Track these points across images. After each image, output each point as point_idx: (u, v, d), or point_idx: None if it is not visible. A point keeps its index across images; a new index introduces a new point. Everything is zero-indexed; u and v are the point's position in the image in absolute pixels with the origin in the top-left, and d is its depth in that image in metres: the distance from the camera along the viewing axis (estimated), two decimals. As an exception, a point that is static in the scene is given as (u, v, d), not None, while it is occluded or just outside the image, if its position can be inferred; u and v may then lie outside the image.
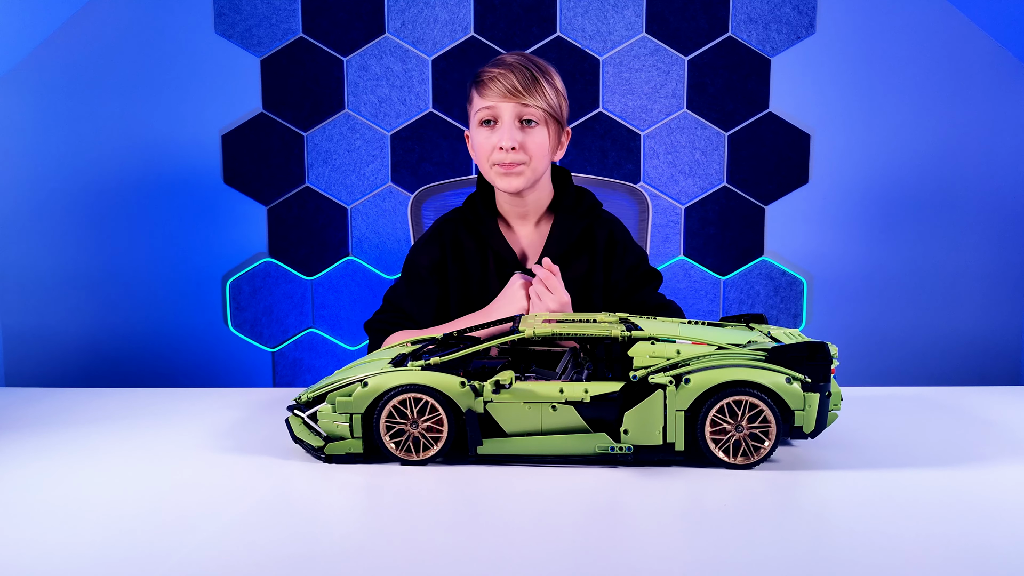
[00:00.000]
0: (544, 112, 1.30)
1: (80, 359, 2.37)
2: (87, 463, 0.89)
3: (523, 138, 1.30)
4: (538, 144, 1.31)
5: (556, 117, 1.33)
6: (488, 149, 1.31)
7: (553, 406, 0.86)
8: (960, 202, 2.32)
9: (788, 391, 0.84)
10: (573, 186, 1.43)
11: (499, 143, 1.29)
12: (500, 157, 1.30)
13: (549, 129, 1.33)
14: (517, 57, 1.32)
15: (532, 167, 1.32)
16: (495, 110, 1.30)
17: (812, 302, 2.36)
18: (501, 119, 1.30)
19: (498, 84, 1.29)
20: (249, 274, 2.36)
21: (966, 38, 2.25)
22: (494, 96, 1.29)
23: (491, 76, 1.30)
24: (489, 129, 1.31)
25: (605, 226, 1.43)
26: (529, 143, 1.30)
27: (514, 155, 1.29)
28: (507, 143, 1.28)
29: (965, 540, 0.67)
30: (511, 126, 1.29)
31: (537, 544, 0.66)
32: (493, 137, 1.30)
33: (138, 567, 0.62)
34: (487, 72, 1.31)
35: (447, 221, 1.43)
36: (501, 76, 1.29)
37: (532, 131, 1.31)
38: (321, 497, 0.80)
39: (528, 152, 1.30)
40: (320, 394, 0.90)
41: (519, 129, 1.30)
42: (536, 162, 1.32)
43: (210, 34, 2.27)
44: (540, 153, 1.32)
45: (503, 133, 1.29)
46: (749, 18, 2.27)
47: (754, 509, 0.75)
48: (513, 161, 1.30)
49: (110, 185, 2.31)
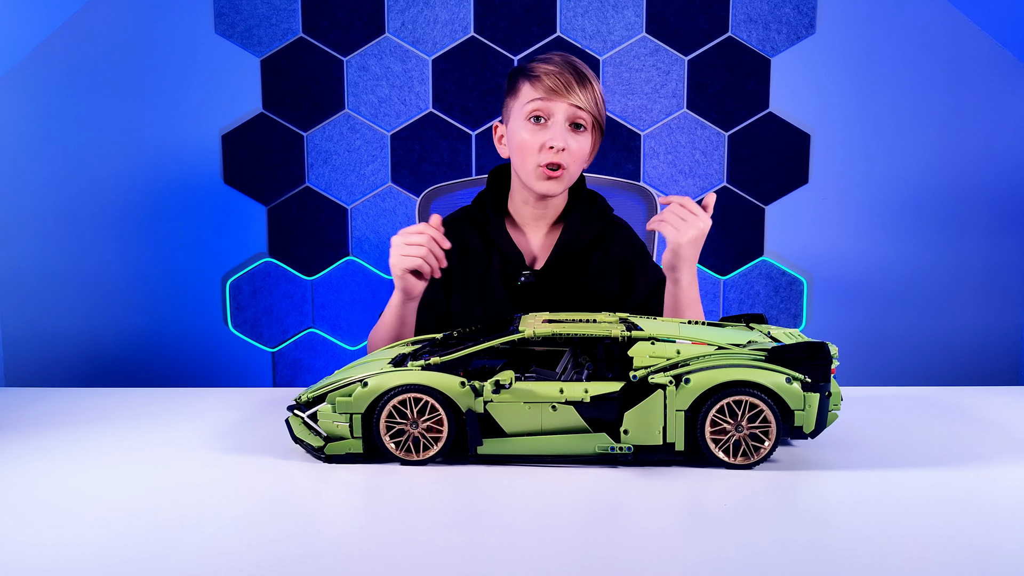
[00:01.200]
0: (593, 118, 1.28)
1: (80, 359, 2.37)
2: (87, 463, 0.89)
3: (571, 141, 1.27)
4: (582, 149, 1.29)
5: (600, 125, 1.31)
6: (535, 145, 1.27)
7: (553, 406, 0.86)
8: (960, 202, 2.32)
9: (788, 391, 0.84)
10: (586, 190, 1.42)
11: (550, 142, 1.25)
12: (548, 157, 1.26)
13: (593, 136, 1.31)
14: (565, 57, 1.29)
15: (570, 173, 1.30)
16: (549, 107, 1.26)
17: (812, 302, 2.36)
18: (553, 117, 1.26)
19: (555, 80, 1.25)
20: (249, 274, 2.36)
21: (966, 38, 2.25)
22: (549, 92, 1.25)
23: (547, 71, 1.26)
24: (538, 126, 1.27)
25: (618, 232, 1.41)
26: (575, 148, 1.28)
27: (561, 156, 1.26)
28: (559, 143, 1.25)
29: (965, 540, 0.67)
30: (563, 126, 1.26)
31: (537, 544, 0.66)
32: (542, 135, 1.26)
33: (138, 567, 0.62)
34: (541, 67, 1.27)
35: (452, 221, 1.41)
36: (556, 73, 1.25)
37: (580, 136, 1.28)
38: (321, 497, 0.80)
39: (572, 156, 1.28)
40: (320, 394, 0.90)
41: (569, 131, 1.27)
42: (574, 168, 1.30)
43: (210, 34, 2.27)
44: (581, 159, 1.30)
45: (555, 132, 1.25)
46: (749, 18, 2.27)
47: (754, 509, 0.75)
48: (559, 163, 1.27)
49: (110, 185, 2.31)
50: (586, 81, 1.27)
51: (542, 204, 1.36)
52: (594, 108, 1.27)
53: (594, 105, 1.27)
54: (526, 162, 1.29)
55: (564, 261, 1.35)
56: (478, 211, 1.38)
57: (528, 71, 1.29)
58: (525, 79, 1.29)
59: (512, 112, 1.31)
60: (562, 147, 1.25)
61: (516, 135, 1.30)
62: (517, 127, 1.29)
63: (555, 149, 1.25)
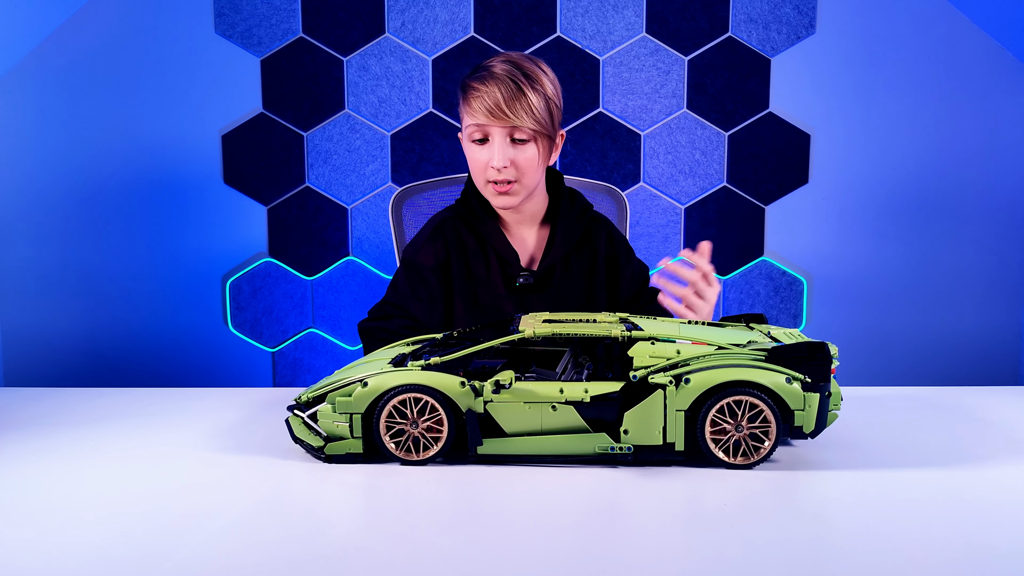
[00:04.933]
0: (532, 130, 1.27)
1: (80, 359, 2.37)
2: (87, 463, 0.89)
3: (514, 155, 1.27)
4: (528, 160, 1.29)
5: (546, 132, 1.29)
6: (481, 166, 1.30)
7: (553, 406, 0.86)
8: (960, 202, 2.32)
9: (788, 391, 0.84)
10: (566, 189, 1.42)
11: (491, 162, 1.27)
12: (493, 175, 1.28)
13: (539, 144, 1.29)
14: (504, 67, 1.27)
15: (524, 184, 1.30)
16: (485, 129, 1.27)
17: (812, 302, 2.36)
18: (492, 137, 1.28)
19: (483, 101, 1.25)
20: (249, 274, 2.36)
21: (966, 38, 2.25)
22: (480, 114, 1.26)
23: (477, 92, 1.26)
24: (481, 146, 1.29)
25: (601, 225, 1.43)
26: (520, 160, 1.28)
27: (506, 172, 1.28)
28: (498, 162, 1.27)
29: (965, 540, 0.67)
30: (502, 144, 1.27)
31: (537, 544, 0.66)
32: (484, 154, 1.29)
33: (138, 567, 0.62)
34: (473, 87, 1.27)
35: (445, 220, 1.40)
36: (486, 94, 1.25)
37: (522, 148, 1.28)
38: (321, 497, 0.79)
39: (519, 168, 1.28)
40: (320, 394, 0.90)
41: (510, 145, 1.27)
42: (527, 178, 1.30)
43: (210, 34, 2.27)
44: (531, 168, 1.30)
45: (494, 152, 1.27)
46: (749, 18, 2.27)
47: (754, 509, 0.75)
48: (506, 179, 1.28)
49: (110, 185, 2.31)
50: (522, 95, 1.24)
51: (514, 211, 1.37)
52: (531, 123, 1.25)
53: (530, 119, 1.25)
54: (478, 179, 1.32)
55: (557, 260, 1.36)
56: (467, 210, 1.38)
57: (466, 89, 1.29)
58: (462, 97, 1.30)
59: (462, 124, 1.34)
60: (504, 165, 1.27)
61: (467, 153, 1.33)
62: (466, 145, 1.32)
63: (497, 168, 1.27)
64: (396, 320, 1.33)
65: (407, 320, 1.33)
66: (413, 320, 1.33)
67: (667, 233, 2.34)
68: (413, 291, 1.34)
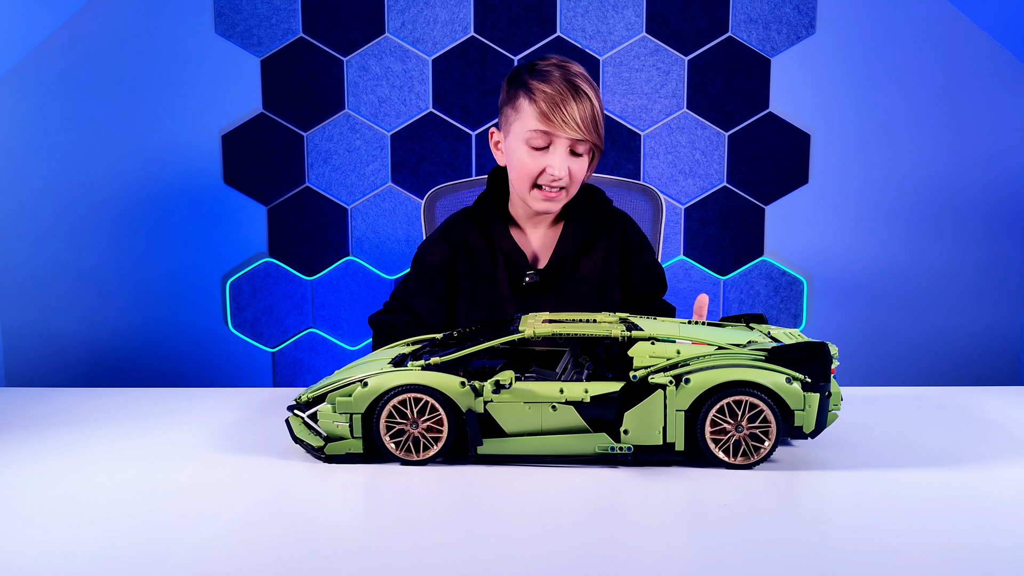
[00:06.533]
0: (592, 144, 1.28)
1: (80, 359, 2.37)
2: (87, 463, 0.89)
3: (571, 165, 1.27)
4: (581, 171, 1.30)
5: (601, 145, 1.30)
6: (534, 170, 1.27)
7: (553, 406, 0.86)
8: (960, 202, 2.32)
9: (788, 391, 0.84)
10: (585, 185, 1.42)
11: (551, 169, 1.26)
12: (547, 181, 1.27)
13: (592, 155, 1.31)
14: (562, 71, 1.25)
15: (570, 192, 1.31)
16: (551, 136, 1.25)
17: (812, 302, 2.35)
18: (555, 146, 1.26)
19: (560, 112, 1.22)
20: (249, 274, 2.36)
21: (966, 38, 2.25)
22: (552, 123, 1.23)
23: (547, 96, 1.22)
24: (538, 152, 1.27)
25: (618, 220, 1.41)
26: (575, 170, 1.28)
27: (561, 180, 1.28)
28: (559, 172, 1.26)
29: (965, 540, 0.67)
30: (564, 154, 1.26)
31: (537, 544, 0.66)
32: (543, 160, 1.26)
33: (138, 567, 0.62)
34: (542, 90, 1.23)
35: (457, 220, 1.41)
36: (564, 102, 1.22)
37: (579, 160, 1.28)
38: (321, 497, 0.80)
39: (573, 178, 1.29)
40: (320, 394, 0.90)
41: (569, 156, 1.27)
42: (575, 187, 1.32)
43: (210, 34, 2.27)
44: (580, 179, 1.31)
45: (556, 160, 1.25)
46: (749, 18, 2.27)
47: (754, 509, 0.75)
48: (559, 186, 1.28)
49: (110, 185, 2.31)
50: (584, 101, 1.24)
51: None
52: (593, 135, 1.26)
53: (594, 131, 1.25)
54: (525, 183, 1.29)
55: (566, 259, 1.36)
56: (480, 212, 1.38)
57: (528, 89, 1.25)
58: (525, 97, 1.26)
59: (512, 127, 1.29)
60: (563, 175, 1.27)
61: (514, 153, 1.29)
62: (516, 145, 1.28)
63: (555, 176, 1.26)
64: (400, 315, 1.36)
65: (410, 316, 1.36)
66: (416, 316, 1.35)
67: (667, 233, 2.34)
68: (418, 288, 1.37)
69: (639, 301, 1.40)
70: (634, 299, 1.39)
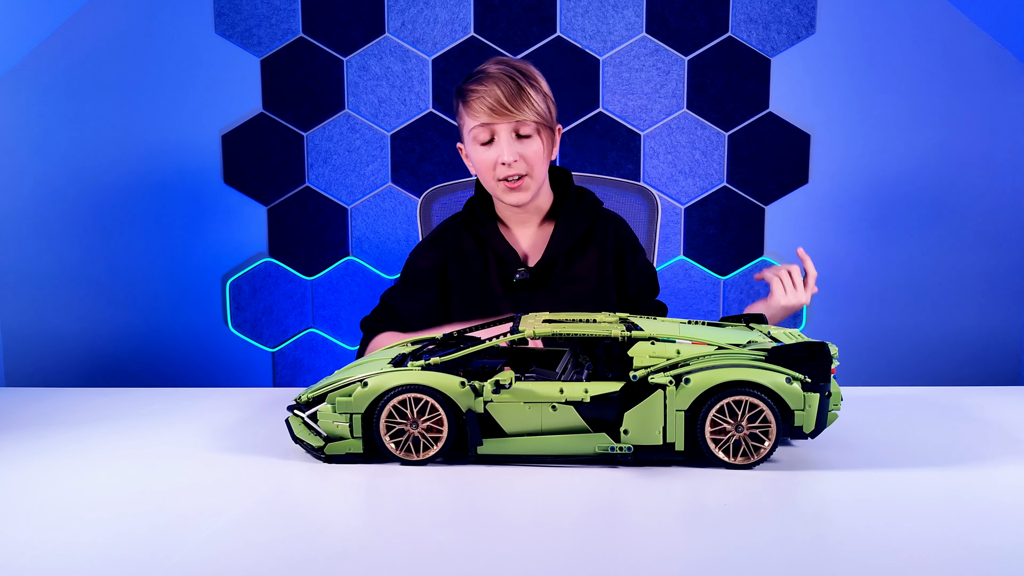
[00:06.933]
0: (536, 123, 1.30)
1: (80, 359, 2.37)
2: (87, 463, 0.89)
3: (521, 149, 1.30)
4: (535, 153, 1.31)
5: (548, 124, 1.33)
6: (490, 165, 1.31)
7: (553, 406, 0.86)
8: (960, 202, 2.32)
9: (788, 391, 0.84)
10: (574, 186, 1.43)
11: (500, 158, 1.29)
12: (504, 172, 1.30)
13: (543, 137, 1.32)
14: (499, 67, 1.30)
15: (534, 177, 1.33)
16: (490, 128, 1.29)
17: (812, 302, 2.36)
18: (498, 135, 1.29)
19: (485, 101, 1.27)
20: (249, 274, 2.36)
21: (966, 38, 2.25)
22: (484, 114, 1.28)
23: (477, 94, 1.28)
24: (487, 146, 1.31)
25: (610, 222, 1.43)
26: (528, 154, 1.30)
27: (516, 167, 1.29)
28: (508, 157, 1.28)
29: (965, 540, 0.67)
30: (509, 140, 1.29)
31: (537, 544, 0.66)
32: (492, 153, 1.30)
33: (138, 567, 0.62)
34: (472, 90, 1.29)
35: (448, 225, 1.44)
36: (487, 93, 1.27)
37: (528, 142, 1.30)
38: (321, 497, 0.79)
39: (528, 163, 1.30)
40: (320, 394, 0.90)
41: (516, 141, 1.30)
42: (536, 171, 1.33)
43: (210, 34, 2.27)
44: (538, 161, 1.32)
45: (502, 148, 1.29)
46: (749, 18, 2.27)
47: (754, 509, 0.75)
48: (517, 173, 1.30)
49: (110, 185, 2.31)
50: (521, 91, 1.28)
51: (521, 208, 1.38)
52: (533, 115, 1.29)
53: (532, 113, 1.29)
54: (488, 180, 1.34)
55: (559, 256, 1.36)
56: (469, 214, 1.40)
57: (463, 94, 1.31)
58: (461, 103, 1.32)
59: (464, 135, 1.35)
60: (513, 159, 1.29)
61: (472, 157, 1.35)
62: (471, 148, 1.34)
63: (507, 164, 1.29)
64: (384, 315, 1.40)
65: (393, 317, 1.38)
66: (399, 319, 1.38)
67: (667, 233, 2.34)
68: (404, 291, 1.40)
69: (633, 303, 1.40)
70: (628, 301, 1.40)
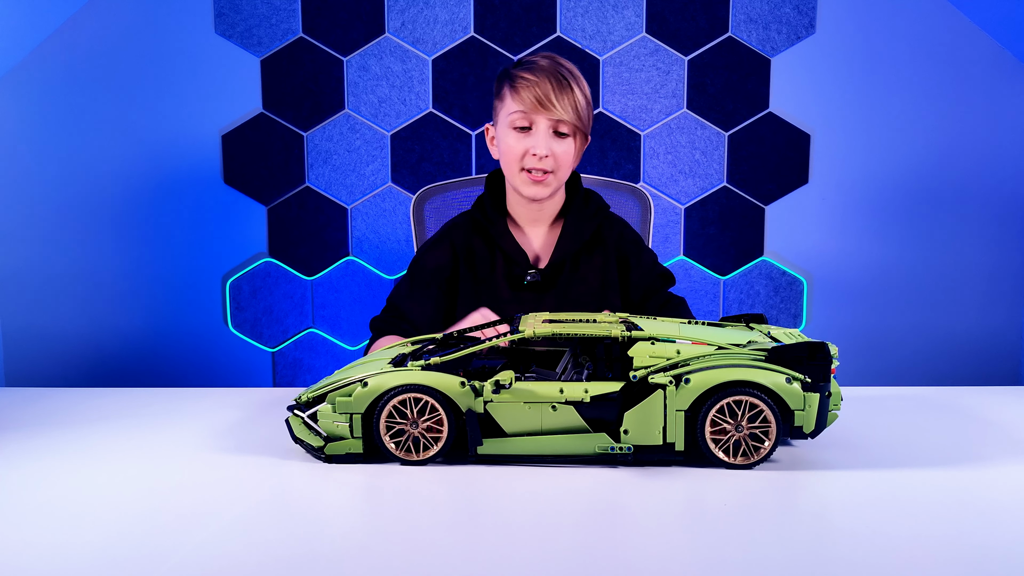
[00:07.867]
0: (574, 126, 1.31)
1: (80, 359, 2.37)
2: (87, 463, 0.89)
3: (555, 147, 1.30)
4: (566, 153, 1.32)
5: (584, 129, 1.34)
6: (519, 152, 1.31)
7: (553, 406, 0.86)
8: (960, 202, 2.32)
9: (788, 391, 0.84)
10: (583, 188, 1.43)
11: (533, 149, 1.29)
12: (533, 163, 1.30)
13: (576, 140, 1.34)
14: (550, 61, 1.31)
15: (558, 177, 1.33)
16: (530, 117, 1.30)
17: (812, 302, 2.35)
18: (536, 126, 1.30)
19: (534, 91, 1.28)
20: (249, 274, 2.36)
21: (966, 38, 2.25)
22: (529, 103, 1.28)
23: (527, 82, 1.29)
24: (522, 134, 1.31)
25: (615, 226, 1.44)
26: (559, 152, 1.31)
27: (546, 162, 1.30)
28: (541, 151, 1.29)
29: (965, 540, 0.67)
30: (546, 134, 1.30)
31: (537, 544, 0.66)
32: (526, 141, 1.30)
33: (138, 567, 0.62)
34: (524, 77, 1.30)
35: (456, 224, 1.43)
36: (537, 84, 1.28)
37: (563, 141, 1.31)
38: (321, 497, 0.80)
39: (558, 162, 1.31)
40: (320, 394, 0.90)
41: (552, 137, 1.31)
42: (562, 172, 1.34)
43: (210, 34, 2.27)
44: (567, 163, 1.33)
45: (538, 140, 1.30)
46: (749, 18, 2.27)
47: (754, 509, 0.75)
48: (543, 168, 1.31)
49: (110, 185, 2.31)
50: (567, 89, 1.29)
51: (535, 206, 1.38)
52: (574, 118, 1.30)
53: (574, 114, 1.30)
54: (513, 167, 1.33)
55: (567, 259, 1.36)
56: (480, 214, 1.39)
57: (511, 79, 1.32)
58: (508, 87, 1.32)
59: (499, 117, 1.35)
60: (545, 154, 1.29)
61: (503, 140, 1.34)
62: (503, 133, 1.34)
63: (538, 156, 1.29)
64: (390, 315, 1.38)
65: (399, 317, 1.37)
66: (404, 319, 1.37)
67: (667, 233, 2.34)
68: (409, 291, 1.39)
69: (641, 302, 1.40)
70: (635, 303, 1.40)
